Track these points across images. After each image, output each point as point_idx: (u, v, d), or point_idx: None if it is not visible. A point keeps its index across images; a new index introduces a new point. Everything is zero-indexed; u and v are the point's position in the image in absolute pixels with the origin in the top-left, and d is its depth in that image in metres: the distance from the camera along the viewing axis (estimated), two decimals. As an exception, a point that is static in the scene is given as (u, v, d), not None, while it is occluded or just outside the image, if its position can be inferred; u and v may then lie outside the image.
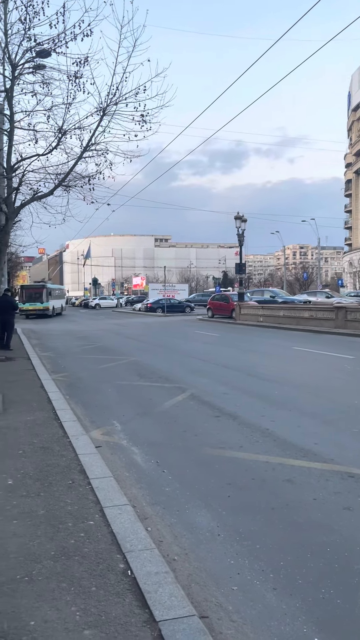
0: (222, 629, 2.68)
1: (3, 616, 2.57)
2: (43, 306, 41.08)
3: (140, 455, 5.51)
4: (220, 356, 14.01)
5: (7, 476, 4.53)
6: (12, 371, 11.02)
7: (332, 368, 11.90)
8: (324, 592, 2.99)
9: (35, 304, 40.82)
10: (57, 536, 3.41)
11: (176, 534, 3.70)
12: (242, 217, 30.39)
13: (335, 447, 5.68)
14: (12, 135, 12.50)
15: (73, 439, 5.67)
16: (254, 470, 4.96)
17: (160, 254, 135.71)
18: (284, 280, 74.50)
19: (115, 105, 12.20)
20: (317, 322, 22.60)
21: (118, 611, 2.62)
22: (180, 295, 51.65)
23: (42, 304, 41.06)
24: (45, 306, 41.10)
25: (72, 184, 12.92)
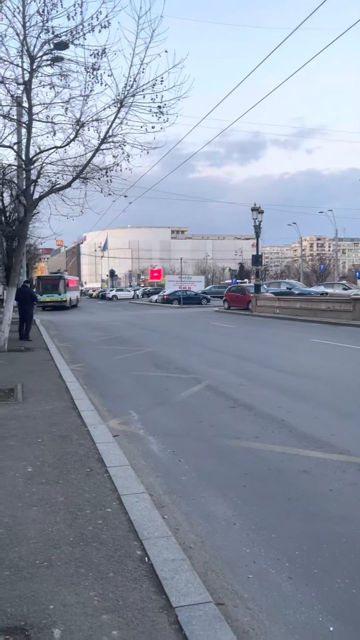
0: (238, 616, 2.71)
1: (23, 600, 2.63)
2: (61, 298, 40.05)
3: (156, 444, 5.56)
4: (236, 348, 14.00)
5: (26, 464, 4.61)
6: (31, 361, 11.16)
7: (349, 360, 11.82)
8: (339, 581, 3.00)
9: (52, 295, 39.81)
10: (75, 523, 3.47)
11: (192, 523, 3.74)
12: (259, 208, 30.17)
13: (352, 438, 5.66)
14: (31, 127, 12.56)
15: (91, 428, 5.74)
16: (270, 461, 4.97)
17: (176, 245, 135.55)
18: (301, 272, 73.89)
19: (132, 97, 12.15)
20: (334, 314, 22.40)
21: (135, 597, 2.67)
22: (196, 287, 51.60)
23: (60, 295, 40.04)
24: (63, 298, 40.12)
25: (90, 176, 12.92)
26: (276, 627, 2.62)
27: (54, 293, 39.83)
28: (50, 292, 39.85)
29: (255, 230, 30.47)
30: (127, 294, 66.31)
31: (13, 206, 17.12)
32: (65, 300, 40.25)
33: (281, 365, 10.68)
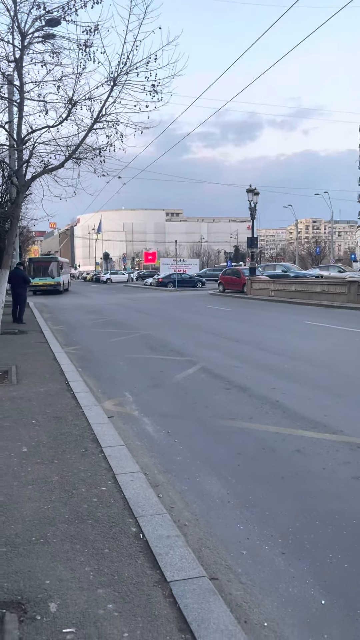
0: (232, 590, 2.75)
1: (19, 575, 2.66)
2: (54, 281, 38.10)
3: (151, 425, 5.59)
4: (231, 330, 14.02)
5: (21, 444, 4.63)
6: (25, 344, 11.15)
7: (343, 342, 11.87)
8: (331, 557, 3.05)
9: (45, 278, 37.86)
10: (70, 501, 3.50)
11: (187, 501, 3.78)
12: (255, 190, 29.98)
13: (345, 419, 5.71)
14: (22, 106, 12.33)
15: (86, 409, 5.76)
16: (264, 441, 5.02)
17: (171, 228, 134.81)
18: (296, 255, 73.82)
19: (125, 75, 11.92)
20: (329, 296, 22.44)
21: (130, 572, 2.70)
22: (191, 270, 51.44)
23: (54, 278, 38.09)
24: (56, 281, 38.16)
25: (83, 156, 12.74)
26: (269, 601, 2.67)
27: (46, 276, 38.04)
28: (43, 275, 37.99)
29: (251, 212, 30.32)
30: (122, 277, 66.05)
31: (5, 187, 16.91)
32: (59, 283, 38.53)
33: (275, 348, 10.72)
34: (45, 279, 37.91)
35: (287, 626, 2.48)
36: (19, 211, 14.19)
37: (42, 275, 37.96)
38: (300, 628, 2.47)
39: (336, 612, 2.58)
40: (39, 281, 37.39)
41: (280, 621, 2.51)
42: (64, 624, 2.29)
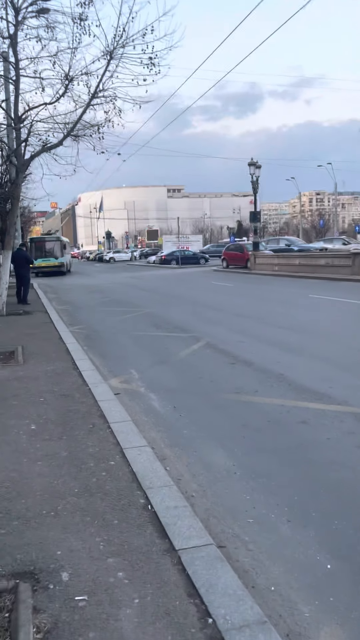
0: (239, 557, 2.82)
1: (31, 547, 2.73)
2: (58, 262, 35.82)
3: (157, 401, 5.64)
4: (235, 306, 14.02)
5: (30, 422, 4.70)
6: (30, 324, 11.21)
7: (348, 315, 11.86)
8: (336, 523, 3.11)
9: (48, 259, 35.65)
10: (79, 475, 3.57)
11: (194, 473, 3.84)
12: (256, 163, 29.58)
13: (350, 390, 5.74)
14: (19, 83, 12.17)
15: (92, 387, 5.82)
16: (269, 413, 5.07)
17: (173, 205, 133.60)
18: (300, 228, 73.18)
19: (122, 48, 11.73)
20: (334, 269, 22.31)
21: (140, 541, 2.77)
22: (194, 246, 51.16)
23: (57, 259, 35.79)
24: (60, 262, 35.89)
25: (81, 133, 12.63)
26: (275, 567, 2.73)
27: (49, 257, 35.87)
28: (46, 256, 35.79)
29: (253, 186, 29.98)
30: (125, 256, 65.79)
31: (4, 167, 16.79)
32: (63, 264, 36.25)
33: (280, 322, 10.73)
34: (48, 259, 35.87)
35: (294, 590, 2.55)
36: (19, 191, 14.12)
37: (44, 256, 35.82)
38: (306, 592, 2.53)
39: (341, 576, 2.65)
40: (41, 262, 35.37)
41: (286, 585, 2.58)
42: (76, 592, 2.36)
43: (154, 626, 2.15)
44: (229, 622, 2.14)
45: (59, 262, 35.96)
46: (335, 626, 2.29)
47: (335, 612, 2.38)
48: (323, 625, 2.30)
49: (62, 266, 36.23)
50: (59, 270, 35.93)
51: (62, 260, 36.29)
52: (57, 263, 35.88)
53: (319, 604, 2.44)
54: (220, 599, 2.29)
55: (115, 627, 2.14)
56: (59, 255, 36.17)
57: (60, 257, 36.19)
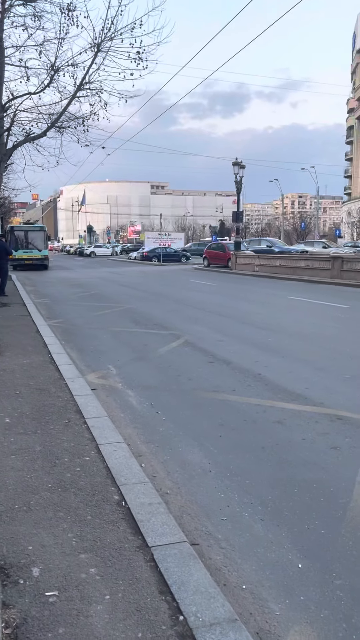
0: (212, 554, 2.82)
1: (2, 542, 2.69)
2: (41, 255, 32.50)
3: (135, 397, 5.62)
4: (215, 305, 14.05)
5: (4, 415, 4.63)
6: (7, 316, 11.05)
7: (326, 317, 11.99)
8: (309, 523, 3.14)
9: (30, 251, 32.39)
10: (53, 470, 3.53)
11: (169, 470, 3.84)
12: (241, 163, 29.69)
13: (326, 391, 5.81)
14: (3, 71, 11.97)
15: (69, 382, 5.76)
16: (246, 412, 5.09)
17: (156, 201, 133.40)
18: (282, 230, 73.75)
19: (110, 41, 11.65)
20: (314, 272, 22.55)
21: (112, 537, 2.76)
22: (176, 244, 51.12)
23: (40, 251, 32.53)
24: (43, 255, 32.62)
25: (66, 125, 12.50)
26: (248, 565, 2.75)
27: (32, 249, 32.57)
28: (27, 248, 32.53)
29: (237, 185, 30.08)
30: (106, 251, 65.41)
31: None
32: (46, 257, 33.05)
33: (259, 322, 10.79)
34: (30, 251, 32.52)
35: (265, 588, 2.56)
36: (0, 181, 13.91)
37: (26, 248, 32.41)
38: (277, 590, 2.55)
39: (312, 575, 2.67)
40: (22, 254, 32.05)
41: (258, 584, 2.59)
42: (47, 588, 2.34)
43: (125, 623, 2.14)
44: (200, 620, 2.14)
45: (42, 254, 32.75)
46: (305, 625, 2.31)
47: (305, 611, 2.40)
48: (293, 623, 2.32)
49: (46, 259, 33.19)
50: (41, 263, 32.81)
51: (45, 253, 33.19)
52: (40, 256, 32.65)
53: (289, 602, 2.46)
54: (191, 596, 2.29)
55: (85, 623, 2.13)
56: (42, 247, 32.92)
57: (43, 249, 33.03)
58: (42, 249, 32.59)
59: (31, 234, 32.68)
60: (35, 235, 32.74)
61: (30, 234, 32.67)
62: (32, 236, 32.55)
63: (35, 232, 33.15)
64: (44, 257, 32.59)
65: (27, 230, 33.36)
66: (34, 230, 33.69)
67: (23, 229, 33.70)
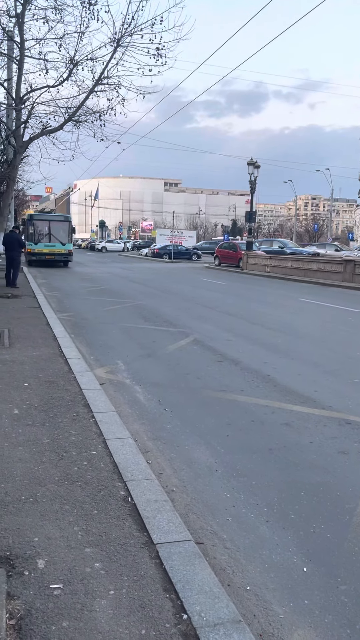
0: (216, 554, 2.82)
1: (8, 532, 2.70)
2: (65, 249, 27.75)
3: (142, 393, 5.62)
4: (225, 304, 14.02)
5: (13, 406, 4.65)
6: (18, 308, 11.10)
7: (336, 320, 11.92)
8: (315, 527, 3.12)
9: (53, 245, 27.44)
10: (61, 463, 3.54)
11: (175, 468, 3.83)
12: (256, 162, 29.57)
13: (335, 395, 5.77)
14: (22, 63, 12.02)
15: (78, 375, 5.77)
16: (254, 413, 5.07)
17: (169, 198, 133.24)
18: (294, 231, 73.40)
19: (130, 36, 11.65)
20: (325, 274, 22.43)
21: (118, 533, 2.75)
22: (187, 242, 51.16)
23: (64, 245, 27.72)
24: (67, 249, 27.85)
25: (83, 119, 12.52)
26: (252, 566, 2.74)
27: (54, 241, 27.56)
28: (50, 240, 27.52)
29: (251, 185, 29.96)
30: (117, 246, 65.49)
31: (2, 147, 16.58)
32: (70, 252, 28.19)
33: (269, 323, 10.75)
34: (52, 245, 27.54)
35: (269, 590, 2.55)
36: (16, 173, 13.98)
37: (48, 240, 27.52)
38: (281, 593, 2.54)
39: (317, 579, 2.65)
40: (43, 248, 27.28)
41: (262, 586, 2.58)
42: (52, 580, 2.34)
43: (129, 619, 2.14)
44: (204, 619, 2.13)
45: (65, 249, 27.80)
46: (308, 629, 2.30)
47: (309, 615, 2.39)
48: (297, 627, 2.31)
49: (70, 255, 28.22)
50: (65, 259, 28.08)
51: (69, 247, 28.23)
52: (64, 250, 27.76)
53: (293, 606, 2.45)
54: (196, 595, 2.28)
55: (89, 617, 2.13)
56: (67, 240, 27.99)
57: (67, 242, 28.06)
58: (65, 242, 27.89)
59: (54, 225, 28.01)
60: (58, 225, 28.06)
61: (53, 225, 27.96)
62: (55, 227, 27.86)
63: (59, 223, 28.49)
64: (68, 252, 27.93)
65: (49, 219, 28.70)
66: (58, 220, 29.08)
67: (45, 218, 28.94)
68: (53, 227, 27.55)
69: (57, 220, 28.84)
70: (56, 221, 28.46)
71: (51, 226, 27.56)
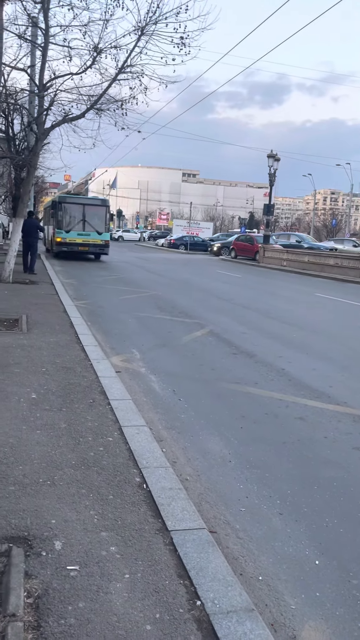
0: (229, 544, 2.85)
1: (27, 513, 2.76)
2: (102, 240, 23.42)
3: (157, 383, 5.66)
4: (240, 297, 14.00)
5: (30, 390, 4.71)
6: (35, 294, 11.19)
7: (352, 316, 11.84)
8: (327, 521, 3.14)
9: (87, 234, 23.07)
10: (77, 448, 3.59)
11: (189, 457, 3.87)
12: (276, 155, 29.32)
13: (350, 391, 5.75)
14: (47, 50, 12.00)
15: (94, 362, 5.83)
16: (268, 406, 5.08)
17: (186, 189, 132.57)
18: (312, 226, 72.71)
19: (154, 25, 11.56)
20: (342, 270, 22.24)
21: (133, 518, 2.80)
22: (204, 233, 50.97)
23: (100, 235, 23.36)
24: (104, 240, 23.55)
25: (105, 108, 12.49)
26: (265, 557, 2.76)
27: (89, 230, 23.16)
28: (84, 228, 23.10)
29: (270, 178, 29.73)
30: (134, 236, 65.54)
31: (23, 134, 16.64)
32: (107, 244, 23.87)
33: (285, 317, 10.72)
34: (87, 234, 23.11)
35: (281, 581, 2.57)
36: (37, 160, 14.01)
37: (82, 228, 23.06)
38: (293, 584, 2.56)
39: (329, 572, 2.67)
40: (76, 237, 22.94)
41: (274, 576, 2.61)
42: (68, 562, 2.39)
43: (143, 602, 2.18)
44: (217, 606, 2.17)
45: (102, 239, 23.50)
46: (320, 621, 2.32)
47: (320, 607, 2.41)
48: (308, 618, 2.33)
49: (106, 247, 23.89)
50: (100, 251, 23.88)
51: (107, 237, 23.93)
52: (100, 241, 23.46)
53: (305, 597, 2.47)
54: (209, 582, 2.32)
55: (105, 599, 2.17)
56: (103, 228, 23.64)
57: (104, 231, 23.74)
58: (102, 232, 23.54)
59: (89, 210, 23.52)
60: (94, 211, 23.63)
61: (89, 210, 23.49)
62: (90, 212, 23.43)
63: (95, 207, 23.89)
64: (104, 243, 23.67)
65: (84, 203, 24.09)
66: (94, 204, 24.39)
67: (78, 201, 24.19)
68: (88, 213, 23.29)
69: (93, 204, 24.23)
70: (92, 205, 23.97)
71: (86, 211, 23.26)
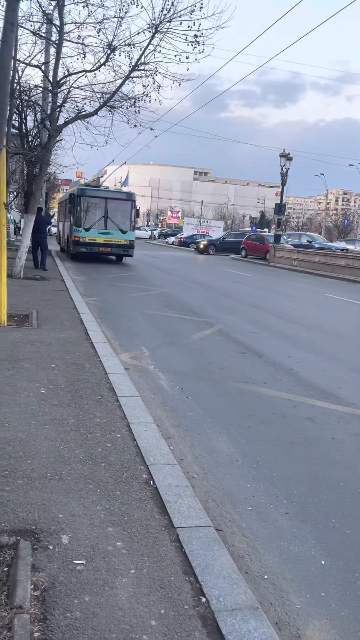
0: (235, 542, 2.85)
1: (34, 507, 2.78)
2: (126, 240, 20.78)
3: (166, 381, 5.67)
4: (250, 296, 13.97)
5: (40, 386, 4.74)
6: (46, 290, 11.25)
7: (363, 318, 11.78)
8: (334, 521, 3.13)
9: (110, 233, 20.39)
10: (85, 443, 3.61)
11: (196, 455, 3.88)
12: (288, 155, 29.20)
13: (359, 392, 5.73)
14: (61, 47, 12.04)
15: (103, 359, 5.85)
16: (276, 406, 5.08)
17: (198, 187, 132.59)
18: (323, 226, 72.33)
19: (168, 23, 11.56)
20: (353, 271, 22.12)
21: (140, 515, 2.81)
22: (214, 232, 50.90)
23: (125, 234, 20.71)
24: (128, 240, 20.86)
25: (118, 105, 12.52)
26: (270, 556, 2.77)
27: (112, 228, 20.44)
28: (106, 226, 20.40)
29: (282, 177, 29.62)
30: (144, 234, 65.56)
31: (36, 131, 16.72)
32: (132, 244, 21.03)
33: (294, 317, 10.69)
34: (109, 233, 20.42)
35: (286, 581, 2.58)
36: (49, 156, 14.07)
37: (104, 226, 20.37)
38: (298, 584, 2.56)
39: (335, 573, 2.67)
40: (97, 236, 20.24)
41: (279, 575, 2.61)
42: (75, 556, 2.41)
43: (149, 598, 2.19)
44: (222, 604, 2.18)
45: (126, 239, 20.79)
46: (325, 621, 2.32)
47: (325, 608, 2.41)
48: (313, 618, 2.33)
49: (131, 248, 21.06)
50: (124, 252, 21.15)
51: (132, 237, 21.07)
52: (124, 241, 20.75)
53: (310, 597, 2.47)
54: (214, 580, 2.33)
55: (110, 594, 2.19)
56: (128, 227, 20.90)
57: (129, 229, 20.96)
58: (126, 230, 20.82)
59: (112, 205, 20.63)
60: (118, 206, 20.79)
61: (112, 205, 20.61)
62: (113, 207, 20.63)
63: (120, 202, 20.95)
64: (129, 243, 20.89)
65: (107, 197, 20.77)
66: (119, 198, 21.23)
67: (101, 195, 20.79)
68: (111, 208, 20.47)
69: (117, 198, 21.12)
70: (116, 200, 20.90)
71: (108, 206, 20.41)
